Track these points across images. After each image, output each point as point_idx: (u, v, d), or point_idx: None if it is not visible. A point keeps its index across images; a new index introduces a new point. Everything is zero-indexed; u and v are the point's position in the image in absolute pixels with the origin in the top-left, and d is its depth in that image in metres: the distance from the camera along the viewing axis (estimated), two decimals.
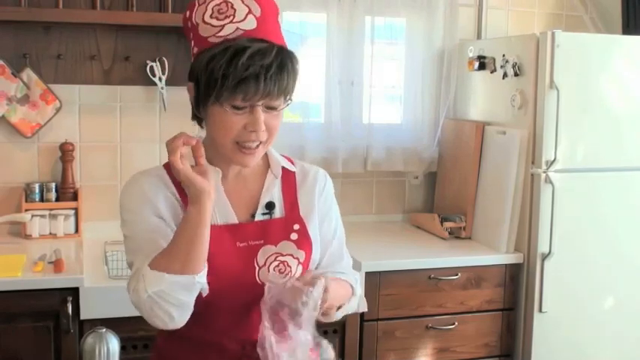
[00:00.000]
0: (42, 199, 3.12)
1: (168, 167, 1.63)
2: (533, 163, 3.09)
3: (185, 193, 1.56)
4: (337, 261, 1.78)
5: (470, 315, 3.13)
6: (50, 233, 3.09)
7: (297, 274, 1.66)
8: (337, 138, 3.48)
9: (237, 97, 1.48)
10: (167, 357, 1.72)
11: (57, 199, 3.13)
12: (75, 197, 3.13)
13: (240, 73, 1.46)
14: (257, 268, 1.62)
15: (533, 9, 3.86)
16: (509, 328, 3.19)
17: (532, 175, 3.09)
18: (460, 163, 3.46)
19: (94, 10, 3.03)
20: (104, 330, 1.30)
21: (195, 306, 1.51)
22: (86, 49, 3.17)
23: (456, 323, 3.10)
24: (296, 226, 1.68)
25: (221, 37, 1.52)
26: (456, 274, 3.07)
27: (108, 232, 3.14)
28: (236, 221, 1.64)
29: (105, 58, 3.19)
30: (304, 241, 1.68)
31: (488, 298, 3.14)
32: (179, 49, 3.26)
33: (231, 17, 1.52)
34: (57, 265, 2.64)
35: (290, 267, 1.64)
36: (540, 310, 3.09)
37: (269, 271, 1.62)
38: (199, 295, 1.52)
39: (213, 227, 1.58)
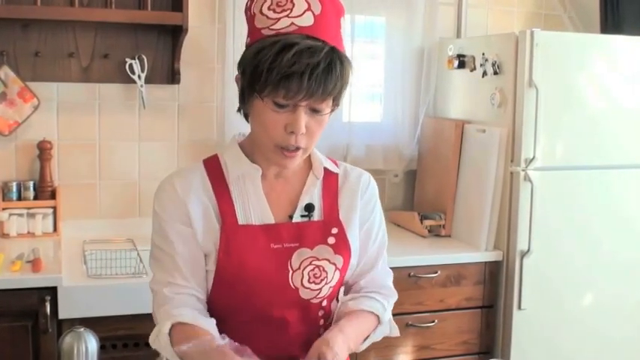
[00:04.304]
0: (20, 198, 3.09)
1: (208, 162, 1.62)
2: (512, 161, 3.10)
3: (222, 192, 1.57)
4: (370, 270, 1.73)
5: (449, 312, 3.14)
6: (28, 232, 3.07)
7: (334, 281, 1.62)
8: None
9: (279, 93, 1.43)
10: None
11: (35, 198, 3.10)
12: (53, 196, 3.11)
13: (284, 68, 1.40)
14: (290, 272, 1.57)
15: (512, 8, 3.88)
16: (488, 326, 3.21)
17: (511, 173, 3.10)
18: (440, 162, 3.47)
19: (73, 7, 3.00)
20: (82, 329, 1.29)
21: (224, 313, 1.56)
22: (64, 47, 3.14)
23: (436, 321, 3.11)
24: (334, 230, 1.62)
25: (274, 30, 1.46)
26: (436, 272, 3.08)
27: (87, 230, 3.14)
28: (272, 221, 1.59)
29: (83, 55, 3.17)
30: (342, 246, 1.62)
31: (468, 295, 3.16)
32: (158, 46, 3.24)
33: (288, 11, 1.46)
34: (35, 264, 2.62)
35: (326, 272, 1.60)
36: (519, 308, 3.11)
37: (303, 275, 1.58)
38: (230, 300, 1.56)
39: (249, 227, 1.57)
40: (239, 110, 1.61)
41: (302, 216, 1.62)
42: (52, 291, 2.55)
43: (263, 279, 1.54)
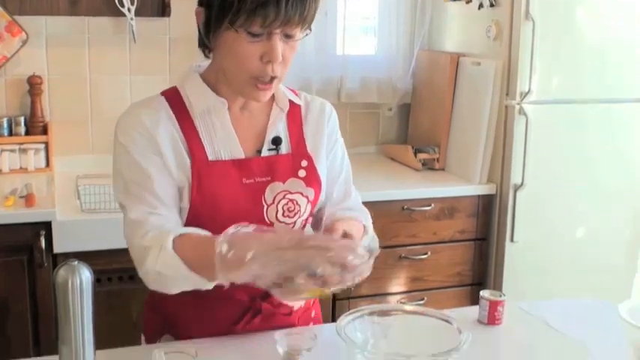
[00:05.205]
0: (11, 134, 3.07)
1: (169, 95, 1.56)
2: (507, 94, 3.08)
3: (188, 127, 1.51)
4: (346, 197, 1.72)
5: (442, 245, 3.17)
6: (21, 168, 3.05)
7: (306, 214, 1.61)
8: (311, 69, 3.45)
9: (255, 21, 1.39)
10: (165, 313, 1.68)
11: (26, 133, 3.08)
12: (45, 131, 3.09)
13: None
14: (265, 206, 1.55)
15: None
16: (481, 258, 3.24)
17: (506, 106, 3.09)
18: (434, 95, 3.45)
19: None
20: (76, 262, 1.29)
21: None
22: None
23: (429, 253, 3.14)
24: (304, 163, 1.61)
25: None
26: (429, 205, 3.09)
27: (79, 166, 3.13)
28: (242, 156, 1.56)
29: None
30: (313, 179, 1.61)
31: (461, 228, 3.18)
32: None
33: None
34: (28, 199, 2.62)
35: (299, 205, 1.59)
36: (512, 240, 3.13)
37: (277, 209, 1.56)
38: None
39: (219, 162, 1.53)
40: (201, 46, 1.56)
41: (269, 150, 1.59)
42: (47, 226, 2.56)
43: (238, 215, 1.47)
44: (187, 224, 1.52)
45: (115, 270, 2.65)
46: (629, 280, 3.38)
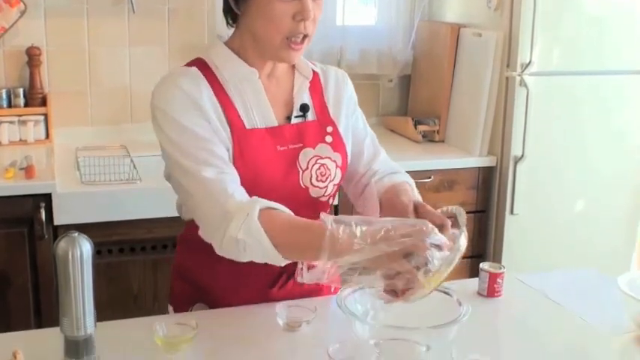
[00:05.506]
0: (10, 105, 3.05)
1: (199, 66, 1.58)
2: (508, 66, 3.07)
3: (223, 97, 1.53)
4: (376, 155, 1.77)
5: None
6: (20, 139, 3.04)
7: (337, 179, 1.66)
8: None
9: None
10: (197, 281, 1.71)
11: (25, 105, 3.06)
12: (44, 103, 3.07)
13: None
14: (300, 172, 1.60)
15: None
16: (480, 230, 3.24)
17: (507, 78, 3.07)
18: (435, 66, 3.43)
19: None
20: (77, 234, 1.29)
21: None
22: None
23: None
24: (329, 129, 1.66)
25: None
26: (429, 177, 3.09)
27: (79, 137, 3.12)
28: (276, 124, 1.61)
29: None
30: (339, 144, 1.66)
31: (461, 200, 3.17)
32: None
33: None
34: (28, 171, 2.61)
35: (329, 170, 1.64)
36: (512, 213, 3.14)
37: (311, 174, 1.61)
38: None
39: (256, 130, 1.57)
40: (227, 13, 1.58)
41: (296, 117, 1.64)
42: (47, 198, 2.56)
43: (276, 181, 1.56)
44: None
45: (115, 242, 2.66)
46: (628, 252, 3.39)
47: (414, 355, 1.38)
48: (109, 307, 2.61)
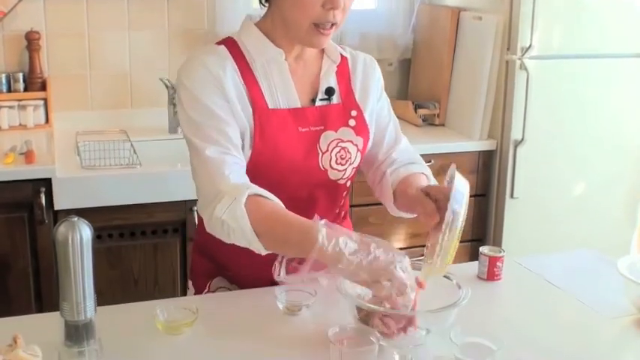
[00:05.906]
0: (9, 90, 3.05)
1: (228, 45, 1.61)
2: (508, 49, 3.06)
3: (249, 76, 1.56)
4: (397, 142, 1.80)
5: None
6: (20, 124, 3.04)
7: (357, 162, 1.69)
8: None
9: None
10: (216, 257, 1.75)
11: (25, 90, 3.06)
12: (43, 87, 3.07)
13: None
14: (320, 154, 1.63)
15: None
16: (480, 214, 3.24)
17: (507, 61, 3.07)
18: (435, 50, 3.42)
19: None
20: (76, 219, 1.29)
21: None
22: None
23: None
24: (353, 113, 1.68)
25: None
26: (430, 161, 3.07)
27: (79, 122, 3.12)
28: (299, 105, 1.63)
29: None
30: (362, 128, 1.68)
31: None
32: None
33: None
34: (28, 156, 2.61)
35: (350, 153, 1.66)
36: (512, 196, 3.14)
37: (331, 157, 1.63)
38: (262, 184, 1.51)
39: (278, 111, 1.59)
40: None
41: (321, 99, 1.66)
42: (47, 182, 2.56)
43: (296, 162, 1.59)
44: (248, 171, 1.56)
45: (115, 226, 2.66)
46: (629, 236, 3.39)
47: (414, 338, 1.39)
48: (109, 292, 2.63)
